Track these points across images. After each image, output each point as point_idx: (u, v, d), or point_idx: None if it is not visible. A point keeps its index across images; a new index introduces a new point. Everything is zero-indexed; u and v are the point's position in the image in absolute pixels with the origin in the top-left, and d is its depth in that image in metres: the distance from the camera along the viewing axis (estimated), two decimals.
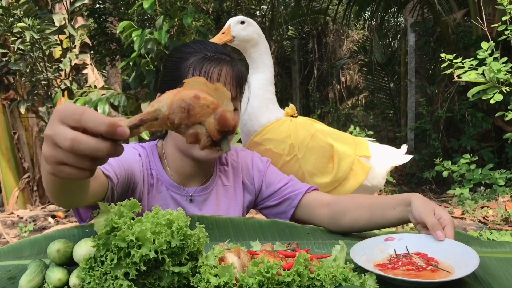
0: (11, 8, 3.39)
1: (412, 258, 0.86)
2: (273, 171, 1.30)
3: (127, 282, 0.71)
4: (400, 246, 0.91)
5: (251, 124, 1.51)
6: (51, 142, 0.54)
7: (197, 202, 1.21)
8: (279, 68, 8.20)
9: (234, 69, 1.12)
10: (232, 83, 1.10)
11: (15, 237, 3.83)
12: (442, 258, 0.85)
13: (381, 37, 8.03)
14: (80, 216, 0.98)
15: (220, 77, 1.09)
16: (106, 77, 7.56)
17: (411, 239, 0.92)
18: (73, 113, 0.53)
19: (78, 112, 0.53)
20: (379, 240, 0.93)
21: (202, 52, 1.12)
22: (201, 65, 1.09)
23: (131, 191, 1.10)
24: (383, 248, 0.91)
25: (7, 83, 4.40)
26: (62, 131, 0.53)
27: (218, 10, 6.43)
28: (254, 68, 1.53)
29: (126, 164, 1.05)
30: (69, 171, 0.56)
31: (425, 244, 0.89)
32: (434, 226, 0.89)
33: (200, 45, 1.15)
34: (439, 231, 0.88)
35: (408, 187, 5.31)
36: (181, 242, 0.73)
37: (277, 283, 0.72)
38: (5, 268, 0.88)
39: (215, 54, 1.12)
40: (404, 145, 1.68)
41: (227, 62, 1.11)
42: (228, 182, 1.26)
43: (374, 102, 8.64)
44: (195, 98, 0.55)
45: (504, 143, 4.71)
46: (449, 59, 2.62)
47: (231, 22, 1.49)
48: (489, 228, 3.36)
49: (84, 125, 0.53)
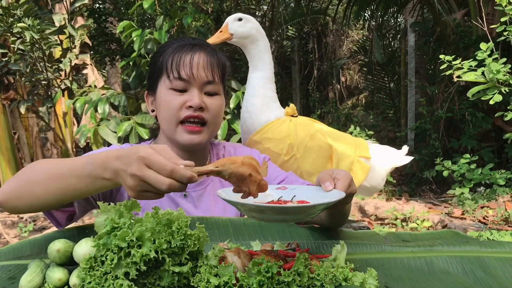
0: (11, 8, 3.39)
1: (292, 203, 0.86)
2: (271, 167, 1.30)
3: (127, 282, 0.71)
4: (288, 194, 0.90)
5: (250, 122, 1.51)
6: (142, 182, 0.74)
7: (191, 197, 1.22)
8: (279, 68, 8.20)
9: (209, 55, 1.15)
10: (206, 67, 1.14)
11: (15, 237, 3.83)
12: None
13: (381, 37, 8.03)
14: (57, 220, 1.03)
15: (193, 61, 1.13)
16: (106, 77, 7.56)
17: (301, 190, 0.92)
18: (164, 169, 0.73)
19: (168, 169, 0.73)
20: (272, 187, 0.92)
21: (178, 42, 1.17)
22: (175, 53, 1.14)
23: (116, 191, 1.15)
24: (271, 194, 0.90)
25: (7, 83, 4.40)
26: (158, 179, 0.73)
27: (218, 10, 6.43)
28: (254, 65, 1.52)
29: None
30: (150, 195, 0.77)
31: (313, 194, 0.88)
32: (324, 178, 0.89)
33: (178, 39, 1.20)
34: (328, 182, 0.88)
35: (408, 187, 5.31)
36: (181, 242, 0.73)
37: (277, 283, 0.72)
38: (5, 268, 0.88)
39: (191, 42, 1.16)
40: (404, 146, 1.68)
41: (202, 48, 1.15)
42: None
43: (374, 102, 8.65)
44: (249, 176, 0.79)
45: (504, 143, 4.71)
46: (448, 60, 2.62)
47: (228, 20, 1.49)
48: (489, 228, 3.36)
49: (173, 178, 0.73)
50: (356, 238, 1.04)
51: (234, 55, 6.96)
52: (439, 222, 3.58)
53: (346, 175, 0.90)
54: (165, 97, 1.14)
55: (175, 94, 1.13)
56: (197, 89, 1.13)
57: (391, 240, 1.05)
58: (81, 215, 1.08)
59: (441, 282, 0.82)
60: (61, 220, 1.04)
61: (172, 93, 1.13)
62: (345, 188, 0.87)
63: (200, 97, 1.13)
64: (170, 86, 1.14)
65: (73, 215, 1.05)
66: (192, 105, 1.12)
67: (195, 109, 1.12)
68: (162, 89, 1.15)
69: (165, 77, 1.14)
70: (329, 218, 1.06)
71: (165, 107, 1.15)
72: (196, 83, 1.13)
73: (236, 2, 6.82)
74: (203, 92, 1.15)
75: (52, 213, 1.04)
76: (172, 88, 1.13)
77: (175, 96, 1.13)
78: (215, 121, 1.17)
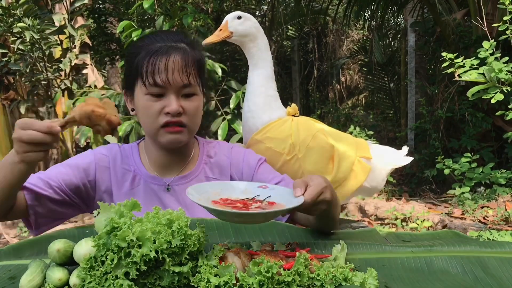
0: (11, 8, 3.39)
1: (262, 203, 0.88)
2: (266, 169, 1.29)
3: (128, 281, 0.71)
4: (265, 194, 0.93)
5: (253, 122, 1.50)
6: (19, 140, 0.93)
7: (174, 191, 1.23)
8: (279, 68, 8.20)
9: (184, 56, 1.14)
10: (182, 70, 1.13)
11: (15, 237, 3.83)
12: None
13: (381, 37, 8.03)
14: (30, 224, 1.16)
15: (168, 67, 1.12)
16: (106, 77, 7.56)
17: (279, 191, 0.95)
18: (28, 125, 0.92)
19: (29, 123, 0.93)
20: (254, 185, 0.97)
21: (153, 44, 1.15)
22: (149, 58, 1.13)
23: (93, 191, 1.22)
24: (252, 193, 0.93)
25: (7, 83, 4.40)
26: (27, 133, 0.92)
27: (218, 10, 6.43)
28: (254, 64, 1.51)
29: (68, 175, 1.20)
30: (32, 155, 0.94)
31: (287, 197, 0.90)
32: (296, 184, 0.91)
33: (152, 37, 1.19)
34: (298, 188, 0.90)
35: (408, 187, 5.31)
36: (181, 242, 0.73)
37: (277, 283, 0.72)
38: (6, 268, 0.88)
39: (164, 44, 1.15)
40: (404, 147, 1.67)
41: (177, 50, 1.14)
42: (213, 175, 1.27)
43: (374, 102, 8.64)
44: (92, 112, 0.97)
45: (504, 143, 4.71)
46: (450, 58, 2.61)
47: (228, 18, 1.49)
48: (489, 228, 3.36)
49: (32, 128, 0.92)
50: (356, 238, 1.04)
51: (234, 55, 6.96)
52: (439, 222, 3.58)
53: (319, 183, 0.92)
54: (143, 103, 1.15)
55: (152, 100, 1.14)
56: (174, 94, 1.13)
57: (391, 240, 1.05)
58: (47, 221, 1.18)
59: (441, 282, 0.82)
60: (35, 225, 1.17)
61: (149, 99, 1.14)
62: (313, 195, 0.89)
63: (177, 102, 1.13)
64: (146, 91, 1.14)
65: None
66: (170, 112, 1.12)
67: (173, 115, 1.13)
68: (139, 93, 1.16)
69: (141, 82, 1.14)
70: (316, 222, 1.07)
71: (143, 113, 1.16)
72: (172, 88, 1.13)
73: (236, 2, 6.82)
74: (180, 95, 1.14)
75: (23, 219, 1.17)
76: (149, 93, 1.14)
77: (152, 102, 1.14)
78: (193, 121, 1.19)
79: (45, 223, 1.17)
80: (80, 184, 1.19)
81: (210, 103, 3.12)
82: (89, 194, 1.22)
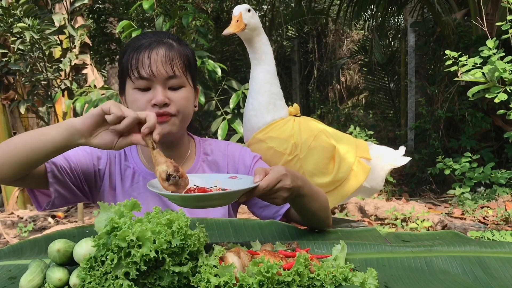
0: (11, 8, 3.39)
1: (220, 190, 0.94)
2: (262, 166, 1.30)
3: (128, 281, 0.71)
4: (234, 183, 0.97)
5: (255, 121, 1.50)
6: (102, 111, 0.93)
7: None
8: (279, 68, 8.19)
9: (168, 49, 1.16)
10: (165, 62, 1.15)
11: (15, 237, 3.83)
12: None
13: (381, 37, 8.03)
14: (38, 201, 1.16)
15: (151, 59, 1.14)
16: (106, 77, 7.56)
17: (246, 179, 0.99)
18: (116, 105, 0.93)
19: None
20: (224, 176, 1.03)
21: (139, 41, 1.18)
22: (134, 53, 1.16)
23: (100, 180, 1.24)
24: (221, 183, 0.98)
25: (7, 83, 4.40)
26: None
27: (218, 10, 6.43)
28: (257, 59, 1.50)
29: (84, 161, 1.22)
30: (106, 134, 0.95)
31: (249, 184, 0.93)
32: (256, 171, 0.94)
33: (140, 36, 1.22)
34: (258, 175, 0.93)
35: (408, 187, 5.31)
36: (181, 242, 0.73)
37: (277, 283, 0.72)
38: (6, 268, 0.88)
39: (149, 40, 1.17)
40: (402, 147, 1.67)
41: (161, 44, 1.17)
42: (211, 172, 1.28)
43: (374, 102, 8.63)
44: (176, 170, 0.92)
45: (504, 143, 4.71)
46: (454, 56, 2.60)
47: (241, 9, 1.44)
48: (489, 228, 3.36)
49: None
50: (356, 238, 1.04)
51: (234, 55, 6.96)
52: (439, 222, 3.58)
53: (278, 171, 0.94)
54: (131, 97, 1.18)
55: (140, 94, 1.16)
56: (160, 86, 1.15)
57: (391, 240, 1.05)
58: (61, 203, 1.17)
59: (441, 282, 0.82)
60: (42, 201, 1.16)
61: (137, 93, 1.16)
62: (269, 181, 0.92)
63: (163, 93, 1.15)
64: (133, 86, 1.16)
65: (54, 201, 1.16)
66: (156, 103, 1.14)
67: (160, 106, 1.14)
68: (129, 89, 1.19)
69: (128, 78, 1.17)
70: (300, 217, 1.11)
71: (133, 107, 1.18)
72: (158, 80, 1.15)
73: (236, 2, 6.82)
74: (166, 87, 1.16)
75: (34, 192, 1.17)
76: (136, 87, 1.16)
77: (140, 96, 1.16)
78: (183, 110, 1.19)
79: (59, 204, 1.18)
80: (92, 171, 1.22)
81: (210, 103, 3.12)
82: (97, 183, 1.24)
